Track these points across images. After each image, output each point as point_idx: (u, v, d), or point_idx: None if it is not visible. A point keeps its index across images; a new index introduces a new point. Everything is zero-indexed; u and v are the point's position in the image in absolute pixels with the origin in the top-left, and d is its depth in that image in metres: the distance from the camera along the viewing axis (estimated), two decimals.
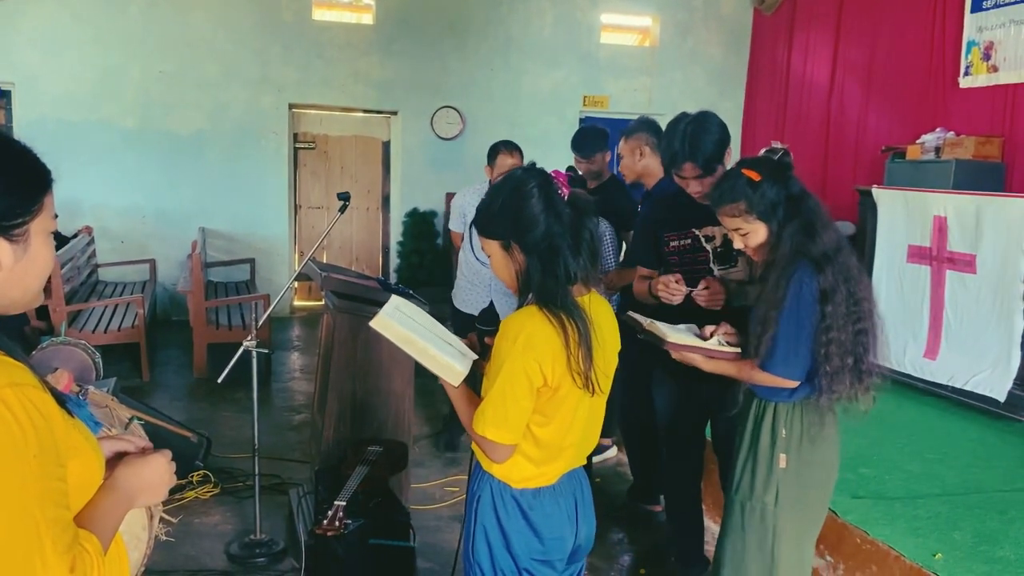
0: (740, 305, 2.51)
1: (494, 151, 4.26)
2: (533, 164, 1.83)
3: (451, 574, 2.38)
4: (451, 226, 4.71)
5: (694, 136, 2.67)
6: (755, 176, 2.20)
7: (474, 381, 1.82)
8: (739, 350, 2.28)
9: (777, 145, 2.32)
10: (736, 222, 2.26)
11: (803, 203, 2.20)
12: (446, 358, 1.77)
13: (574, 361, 1.69)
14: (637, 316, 2.46)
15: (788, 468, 2.22)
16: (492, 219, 1.78)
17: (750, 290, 2.49)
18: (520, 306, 1.77)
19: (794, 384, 2.16)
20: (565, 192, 1.77)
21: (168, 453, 1.33)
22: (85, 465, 1.15)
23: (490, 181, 4.18)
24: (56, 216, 1.19)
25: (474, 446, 1.82)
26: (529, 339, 1.67)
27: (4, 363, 1.05)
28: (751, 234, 2.24)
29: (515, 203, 1.74)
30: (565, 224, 1.74)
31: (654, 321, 2.39)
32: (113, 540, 1.17)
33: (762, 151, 2.37)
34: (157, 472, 1.30)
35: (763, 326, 2.16)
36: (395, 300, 1.85)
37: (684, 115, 2.78)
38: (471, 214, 4.10)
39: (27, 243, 1.12)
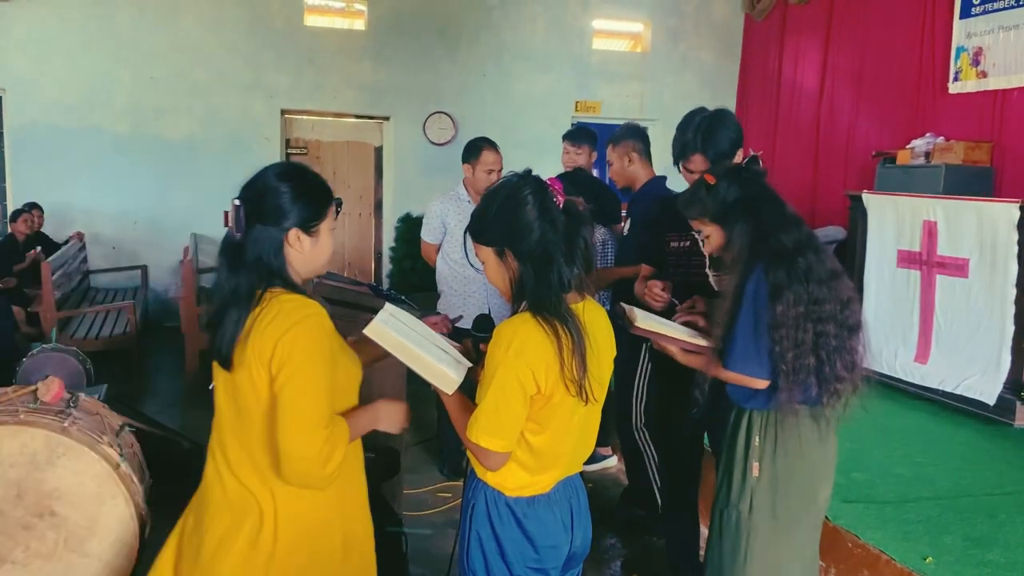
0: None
1: (477, 147, 4.10)
2: (529, 171, 1.83)
3: None
4: (426, 237, 4.27)
5: (709, 129, 2.66)
6: (711, 180, 2.25)
7: (470, 388, 1.82)
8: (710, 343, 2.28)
9: (753, 152, 2.36)
10: (697, 225, 2.32)
11: (758, 205, 2.19)
12: (440, 366, 1.77)
13: (568, 370, 1.69)
14: (624, 306, 2.46)
15: (762, 477, 2.19)
16: (487, 225, 1.79)
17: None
18: (513, 313, 1.77)
19: (761, 384, 2.13)
20: (560, 200, 1.77)
21: (406, 405, 1.90)
22: (346, 370, 1.77)
23: (465, 181, 4.19)
24: (336, 215, 1.79)
25: (469, 454, 1.82)
26: (522, 346, 1.67)
27: (304, 301, 1.67)
28: (710, 237, 2.28)
29: (510, 209, 1.74)
30: (560, 232, 1.74)
31: (634, 308, 2.39)
32: (344, 449, 1.69)
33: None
34: (400, 412, 1.89)
35: (722, 325, 2.18)
36: (390, 307, 1.85)
37: (702, 109, 2.77)
38: (453, 222, 4.09)
39: (318, 237, 1.74)
